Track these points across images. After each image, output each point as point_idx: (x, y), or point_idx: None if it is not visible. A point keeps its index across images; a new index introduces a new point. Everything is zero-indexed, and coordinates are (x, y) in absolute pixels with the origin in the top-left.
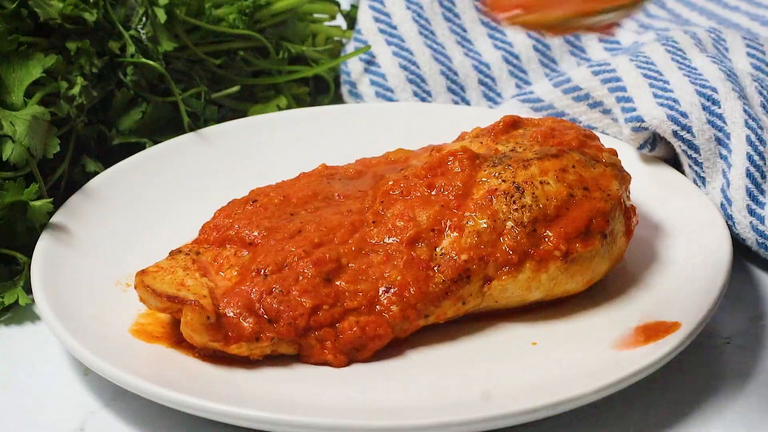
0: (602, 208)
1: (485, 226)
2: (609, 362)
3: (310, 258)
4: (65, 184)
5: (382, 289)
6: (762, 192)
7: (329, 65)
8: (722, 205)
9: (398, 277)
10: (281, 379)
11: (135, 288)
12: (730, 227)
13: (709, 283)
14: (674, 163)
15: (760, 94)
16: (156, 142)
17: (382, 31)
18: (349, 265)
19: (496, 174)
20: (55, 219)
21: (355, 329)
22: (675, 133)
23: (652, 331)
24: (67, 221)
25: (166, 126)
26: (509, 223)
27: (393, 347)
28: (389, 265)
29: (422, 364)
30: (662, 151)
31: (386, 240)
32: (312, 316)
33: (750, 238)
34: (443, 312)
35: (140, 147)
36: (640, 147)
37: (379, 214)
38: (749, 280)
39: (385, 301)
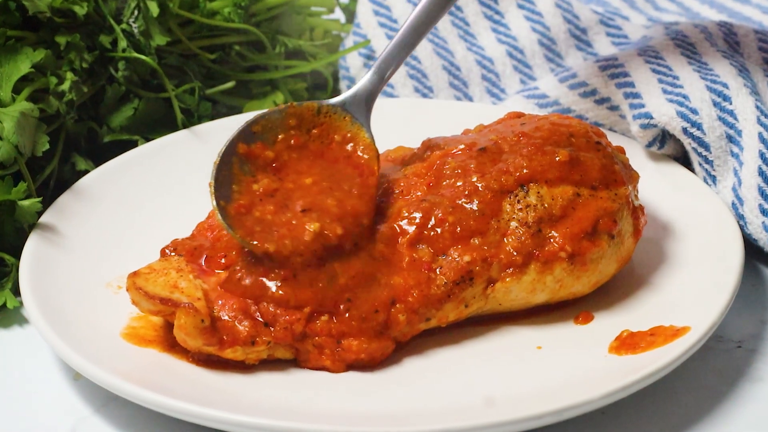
0: (609, 208)
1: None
2: (616, 367)
3: None
4: (54, 183)
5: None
6: None
7: (327, 60)
8: (733, 204)
9: (400, 280)
10: (278, 385)
11: (127, 290)
12: (741, 227)
13: (720, 285)
14: (684, 161)
15: None
16: (148, 140)
17: (382, 24)
18: None
19: None
20: (44, 219)
21: (363, 356)
22: (685, 130)
23: (660, 335)
24: (57, 221)
25: (159, 123)
26: (513, 224)
27: (393, 351)
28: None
29: (423, 369)
30: (671, 148)
31: None
32: (309, 323)
33: (762, 238)
34: (445, 315)
35: (132, 144)
36: (649, 144)
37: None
38: (761, 281)
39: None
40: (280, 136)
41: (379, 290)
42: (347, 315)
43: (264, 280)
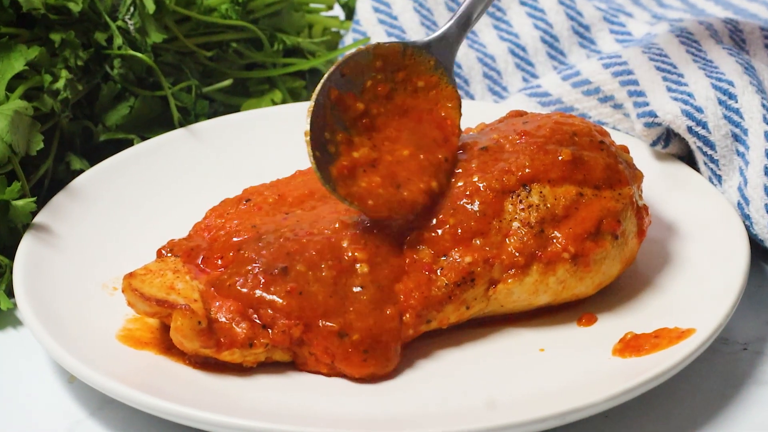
0: (613, 208)
1: None
2: (620, 370)
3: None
4: (49, 183)
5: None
6: None
7: (326, 58)
8: (739, 204)
9: (401, 286)
10: (276, 388)
11: (122, 291)
12: (747, 227)
13: (726, 287)
14: (689, 160)
15: None
16: (144, 139)
17: (382, 21)
18: None
19: None
20: (38, 219)
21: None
22: (690, 129)
23: (665, 337)
24: (51, 221)
25: (155, 121)
26: (515, 224)
27: None
28: None
29: (424, 371)
30: (676, 147)
31: None
32: (307, 331)
33: None
34: (446, 317)
35: (128, 143)
36: (653, 143)
37: None
38: (767, 283)
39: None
40: (368, 83)
41: (391, 315)
42: (364, 361)
43: (262, 290)
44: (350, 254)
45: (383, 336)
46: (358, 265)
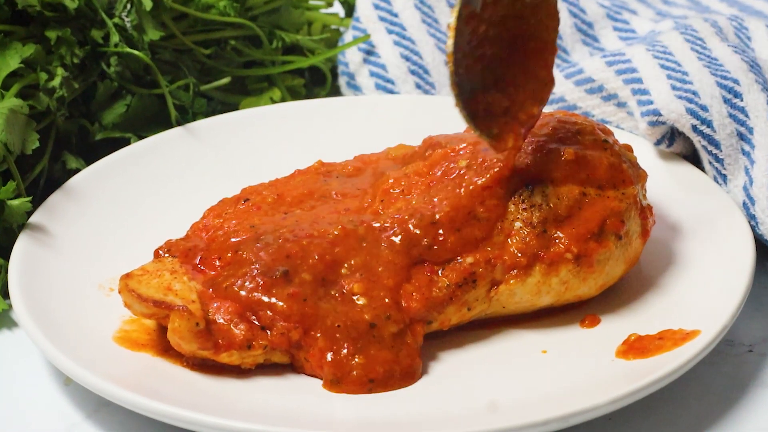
0: (617, 208)
1: None
2: (624, 372)
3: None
4: (45, 182)
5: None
6: None
7: (326, 55)
8: (744, 204)
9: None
10: (274, 390)
11: (119, 292)
12: (752, 228)
13: (731, 288)
14: (693, 159)
15: None
16: (141, 137)
17: (382, 18)
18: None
19: None
20: (33, 219)
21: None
22: (694, 128)
23: (669, 339)
24: (47, 221)
25: (152, 120)
26: (518, 224)
27: None
28: None
29: (424, 373)
30: (681, 146)
31: None
32: (306, 335)
33: None
34: (447, 318)
35: (125, 142)
36: (657, 142)
37: (378, 214)
38: None
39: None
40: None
41: (411, 344)
42: (369, 390)
43: (262, 292)
44: (347, 287)
45: (406, 368)
46: (355, 297)
